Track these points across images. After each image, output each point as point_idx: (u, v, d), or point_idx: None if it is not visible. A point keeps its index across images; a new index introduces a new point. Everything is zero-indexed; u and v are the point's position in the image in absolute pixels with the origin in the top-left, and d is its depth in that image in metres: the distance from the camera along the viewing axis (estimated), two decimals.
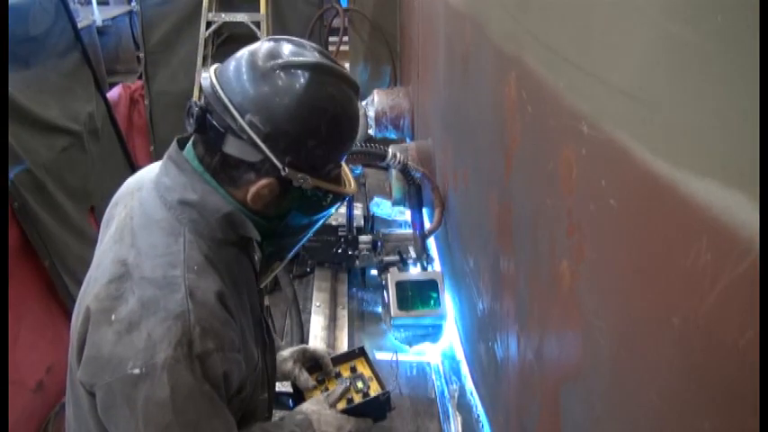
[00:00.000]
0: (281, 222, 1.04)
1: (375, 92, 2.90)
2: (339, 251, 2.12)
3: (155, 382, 0.87)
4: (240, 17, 3.54)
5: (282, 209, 1.01)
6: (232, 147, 0.94)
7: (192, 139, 1.02)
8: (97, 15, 5.00)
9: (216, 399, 0.93)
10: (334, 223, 2.07)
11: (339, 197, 1.05)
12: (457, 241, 1.86)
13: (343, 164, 1.12)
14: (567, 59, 0.83)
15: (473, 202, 1.57)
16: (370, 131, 2.83)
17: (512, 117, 1.12)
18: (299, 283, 2.40)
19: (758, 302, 0.45)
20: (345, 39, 3.63)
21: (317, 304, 1.97)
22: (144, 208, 1.00)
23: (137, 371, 0.87)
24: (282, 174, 0.94)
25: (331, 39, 3.90)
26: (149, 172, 1.07)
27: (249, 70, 0.94)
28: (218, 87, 0.94)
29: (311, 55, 0.96)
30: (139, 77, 3.97)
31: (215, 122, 0.94)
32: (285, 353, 1.39)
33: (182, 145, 1.03)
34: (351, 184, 1.10)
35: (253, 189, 0.96)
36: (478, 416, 1.54)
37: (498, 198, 1.27)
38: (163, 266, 0.92)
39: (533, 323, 1.06)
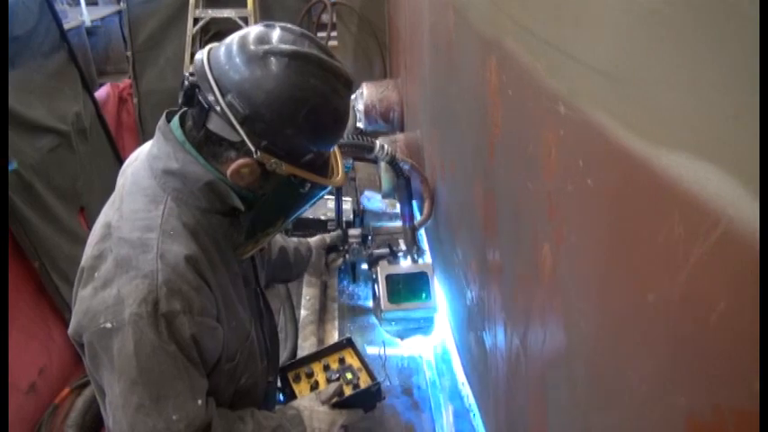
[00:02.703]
0: (262, 202, 1.04)
1: (364, 85, 2.89)
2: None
3: (124, 337, 0.91)
4: (227, 13, 3.52)
5: (264, 190, 1.03)
6: (214, 124, 0.97)
7: (180, 111, 1.05)
8: (86, 16, 4.97)
9: (182, 361, 0.95)
10: (323, 218, 2.06)
11: (318, 187, 1.04)
12: (446, 232, 1.85)
13: (337, 154, 1.11)
14: (544, 39, 0.82)
15: (459, 192, 1.56)
16: (360, 125, 2.82)
17: (493, 102, 1.11)
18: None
19: (733, 275, 0.44)
20: (334, 34, 3.61)
21: (307, 298, 1.96)
22: (135, 176, 1.04)
23: (108, 325, 0.92)
24: (255, 156, 0.95)
25: (320, 34, 3.88)
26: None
27: (238, 52, 0.95)
28: (206, 65, 0.96)
29: (301, 43, 0.97)
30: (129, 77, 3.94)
31: (201, 99, 0.96)
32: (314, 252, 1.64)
33: (173, 117, 1.05)
34: (337, 175, 1.10)
35: (233, 167, 0.97)
36: (470, 405, 1.53)
37: (483, 185, 1.26)
38: (140, 229, 0.96)
39: (519, 310, 1.05)
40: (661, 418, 0.56)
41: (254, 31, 0.98)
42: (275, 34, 0.96)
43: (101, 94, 3.66)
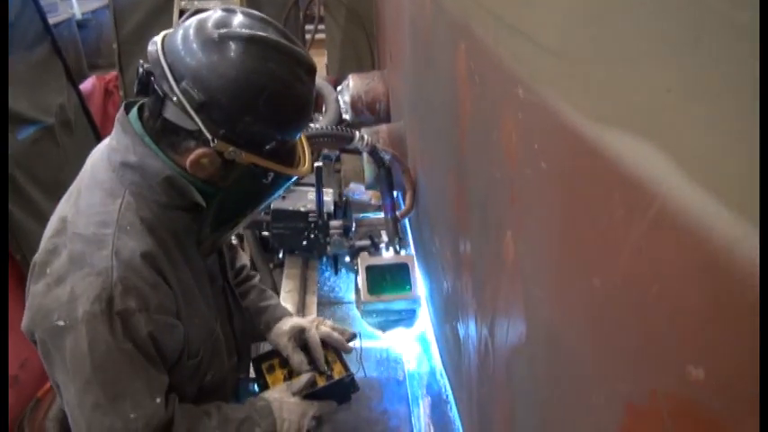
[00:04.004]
0: (224, 194, 1.01)
1: (350, 76, 2.86)
2: (312, 236, 2.08)
3: (77, 336, 0.89)
4: (213, 5, 3.49)
5: (226, 181, 0.99)
6: (171, 113, 0.93)
7: (139, 102, 1.02)
8: (76, 8, 4.92)
9: (139, 359, 0.93)
10: (303, 210, 2.04)
11: (283, 176, 1.02)
12: (426, 222, 1.84)
13: (304, 143, 1.08)
14: (504, 21, 0.81)
15: (436, 182, 1.55)
16: (346, 116, 2.80)
17: (463, 90, 1.10)
18: (279, 273, 2.37)
19: (668, 256, 0.43)
20: (322, 26, 3.58)
21: (287, 290, 1.94)
22: (93, 169, 1.01)
23: (61, 323, 0.90)
24: (212, 145, 0.92)
25: (308, 27, 3.85)
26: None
27: (194, 37, 0.92)
28: (159, 51, 0.92)
29: (260, 28, 0.94)
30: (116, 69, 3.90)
31: (156, 87, 0.92)
32: (285, 327, 1.34)
33: (132, 108, 1.03)
34: (304, 165, 1.07)
35: (192, 157, 0.94)
36: (447, 396, 1.52)
37: (455, 174, 1.24)
38: (96, 224, 0.94)
39: (487, 299, 1.04)
40: (603, 404, 0.55)
41: (213, 15, 0.95)
42: (235, 19, 0.94)
43: (86, 86, 3.62)
